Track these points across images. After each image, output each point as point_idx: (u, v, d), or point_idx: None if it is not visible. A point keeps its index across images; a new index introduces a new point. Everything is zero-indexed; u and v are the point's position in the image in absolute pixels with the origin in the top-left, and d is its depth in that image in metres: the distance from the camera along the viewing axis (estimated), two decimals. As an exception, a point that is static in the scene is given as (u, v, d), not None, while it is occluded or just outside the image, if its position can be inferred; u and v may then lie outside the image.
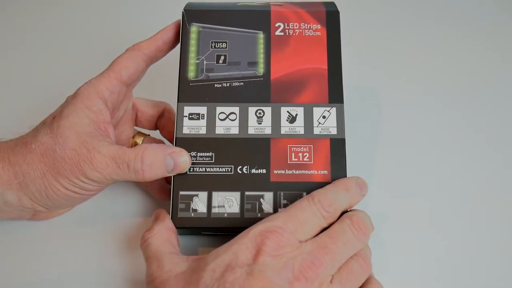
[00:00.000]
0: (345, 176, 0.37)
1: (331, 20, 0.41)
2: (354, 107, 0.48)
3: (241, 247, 0.32)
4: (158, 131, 0.44)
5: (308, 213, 0.33)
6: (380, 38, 0.55)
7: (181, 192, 0.37)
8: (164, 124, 0.43)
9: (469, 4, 0.58)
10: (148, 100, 0.44)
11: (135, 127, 0.44)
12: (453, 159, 0.46)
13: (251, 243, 0.32)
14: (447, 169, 0.45)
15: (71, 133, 0.35)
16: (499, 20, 0.56)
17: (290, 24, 0.41)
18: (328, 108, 0.39)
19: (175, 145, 0.38)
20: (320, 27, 0.41)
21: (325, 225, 0.34)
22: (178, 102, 0.39)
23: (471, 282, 0.39)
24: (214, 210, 0.36)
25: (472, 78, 0.52)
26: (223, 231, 0.37)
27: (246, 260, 0.31)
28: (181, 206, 0.37)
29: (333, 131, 0.38)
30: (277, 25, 0.41)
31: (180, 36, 0.40)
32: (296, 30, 0.41)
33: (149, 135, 0.44)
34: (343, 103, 0.39)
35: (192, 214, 0.36)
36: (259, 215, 0.36)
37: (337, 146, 0.38)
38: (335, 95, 0.39)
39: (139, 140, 0.43)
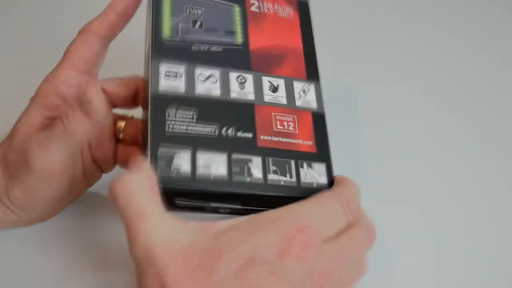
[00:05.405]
0: (328, 148, 0.36)
1: (302, 8, 0.41)
2: (339, 107, 0.47)
3: (264, 241, 0.27)
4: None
5: (335, 211, 0.31)
6: (367, 38, 0.56)
7: (160, 149, 0.31)
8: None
9: (460, 2, 0.60)
10: (117, 78, 0.38)
11: (114, 111, 0.39)
12: (443, 160, 0.46)
13: (276, 239, 0.27)
14: (438, 171, 0.45)
15: (20, 135, 0.35)
16: (494, 19, 0.59)
17: (265, 3, 0.40)
18: (307, 84, 0.38)
19: (152, 105, 0.33)
20: (292, 12, 0.41)
21: (344, 227, 0.31)
22: (152, 59, 0.35)
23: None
24: (199, 171, 0.31)
25: (463, 77, 0.52)
26: (211, 198, 0.32)
27: (269, 258, 0.27)
28: (160, 163, 0.31)
29: (314, 105, 0.37)
30: (252, 1, 0.40)
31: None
32: (270, 9, 0.40)
33: (132, 116, 0.39)
34: (319, 80, 0.38)
35: (175, 174, 0.31)
36: (248, 179, 0.32)
37: (319, 119, 0.36)
38: (312, 73, 0.38)
39: (122, 124, 0.39)
